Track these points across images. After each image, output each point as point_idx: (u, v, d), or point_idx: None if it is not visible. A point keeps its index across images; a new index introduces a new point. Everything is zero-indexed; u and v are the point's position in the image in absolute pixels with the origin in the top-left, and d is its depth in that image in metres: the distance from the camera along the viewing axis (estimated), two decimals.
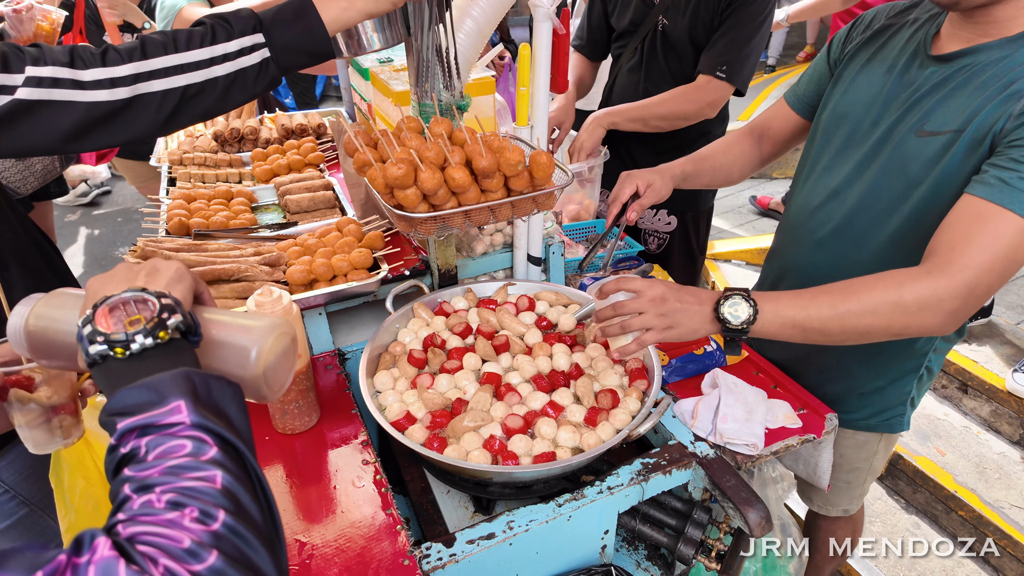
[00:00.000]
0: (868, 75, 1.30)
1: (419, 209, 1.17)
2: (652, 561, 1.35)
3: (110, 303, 0.65)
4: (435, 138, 1.18)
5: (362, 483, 1.15)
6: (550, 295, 1.51)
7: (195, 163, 2.16)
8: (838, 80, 1.37)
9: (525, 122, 1.42)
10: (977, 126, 1.08)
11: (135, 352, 0.62)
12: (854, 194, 1.30)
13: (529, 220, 1.54)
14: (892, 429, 1.48)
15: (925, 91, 1.19)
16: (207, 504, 0.52)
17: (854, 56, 1.35)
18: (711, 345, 1.54)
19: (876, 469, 1.61)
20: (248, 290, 1.38)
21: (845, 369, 1.45)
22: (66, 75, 0.90)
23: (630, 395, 1.25)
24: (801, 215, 1.44)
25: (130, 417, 0.57)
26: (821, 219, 1.38)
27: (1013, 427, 2.68)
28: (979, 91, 1.10)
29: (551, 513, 1.09)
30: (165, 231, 1.69)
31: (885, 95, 1.26)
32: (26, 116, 0.89)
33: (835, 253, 1.36)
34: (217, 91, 0.99)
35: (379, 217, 1.68)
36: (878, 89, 1.27)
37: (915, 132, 1.18)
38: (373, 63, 1.85)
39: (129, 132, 0.96)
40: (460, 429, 1.15)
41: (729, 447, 1.26)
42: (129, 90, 0.93)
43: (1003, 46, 1.09)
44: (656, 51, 2.09)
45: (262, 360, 0.71)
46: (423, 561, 1.00)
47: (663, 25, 2.03)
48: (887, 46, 1.29)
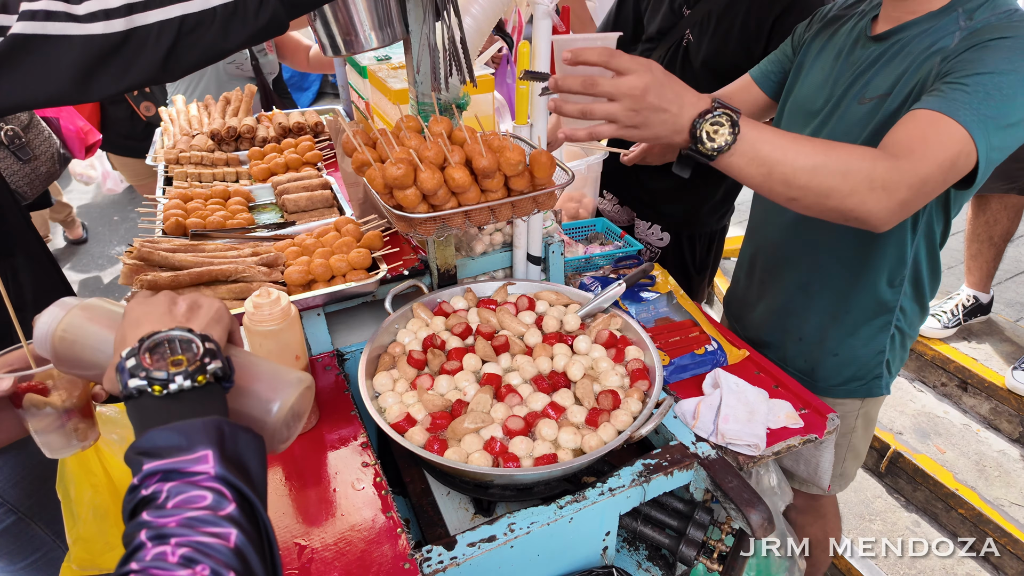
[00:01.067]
0: (821, 62, 1.45)
1: (419, 209, 1.16)
2: (653, 562, 1.34)
3: (156, 339, 0.65)
4: (434, 137, 1.17)
5: (362, 485, 1.14)
6: (550, 295, 1.50)
7: (191, 162, 2.14)
8: (799, 68, 1.51)
9: (525, 120, 1.41)
10: (903, 85, 1.24)
11: (172, 392, 0.63)
12: None
13: (529, 219, 1.53)
14: (871, 392, 1.56)
15: (864, 66, 1.34)
16: (219, 564, 0.52)
17: (811, 44, 1.49)
18: (712, 345, 1.53)
19: (857, 449, 1.65)
20: (246, 291, 1.37)
21: (822, 332, 1.55)
22: (59, 8, 0.87)
23: (631, 396, 1.24)
24: (762, 200, 1.58)
25: (157, 460, 0.58)
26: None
27: (1013, 425, 2.68)
28: (906, 58, 1.25)
29: (552, 515, 1.08)
30: (162, 231, 1.68)
31: (834, 76, 1.40)
32: (24, 54, 0.87)
33: (802, 228, 1.49)
34: (216, 24, 0.93)
35: (377, 217, 1.67)
36: (828, 72, 1.42)
37: (857, 101, 1.33)
38: (371, 61, 1.83)
39: (133, 74, 0.93)
40: (460, 431, 1.15)
41: (731, 447, 1.25)
42: (124, 22, 0.89)
43: (927, 20, 1.25)
44: (676, 64, 2.00)
45: (282, 414, 0.72)
46: (424, 564, 1.00)
47: (687, 41, 1.95)
48: (837, 34, 1.43)
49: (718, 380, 1.38)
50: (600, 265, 1.91)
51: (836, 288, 1.49)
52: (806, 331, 1.58)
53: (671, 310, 1.72)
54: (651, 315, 1.69)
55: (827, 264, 1.48)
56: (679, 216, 2.26)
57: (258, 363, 0.75)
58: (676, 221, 2.28)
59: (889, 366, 1.54)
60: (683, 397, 1.37)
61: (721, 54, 1.87)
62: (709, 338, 1.56)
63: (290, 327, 1.17)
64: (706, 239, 2.34)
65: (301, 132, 2.37)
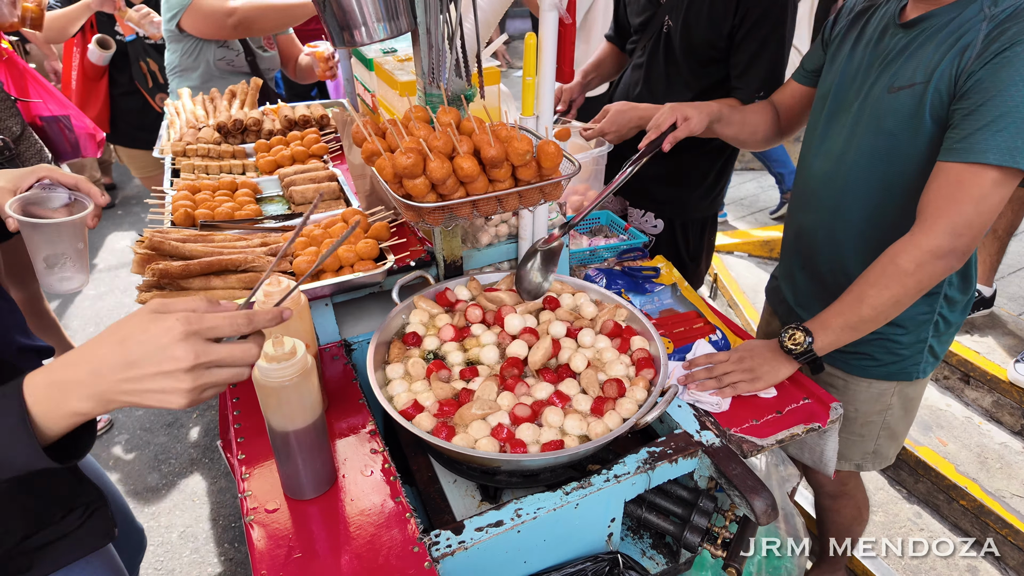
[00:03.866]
0: (851, 52, 1.47)
1: (427, 199, 1.17)
2: (657, 550, 1.36)
3: None
4: (443, 127, 1.18)
5: (371, 472, 1.15)
6: (556, 284, 1.51)
7: (198, 154, 2.15)
8: (831, 61, 1.54)
9: (531, 112, 1.41)
10: (939, 76, 1.25)
11: None
12: (849, 157, 1.44)
13: (535, 211, 1.54)
14: (908, 376, 1.55)
15: (893, 54, 1.35)
16: None
17: (842, 39, 1.52)
18: (716, 334, 1.54)
19: (893, 429, 1.65)
20: (255, 280, 1.39)
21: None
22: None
23: (636, 384, 1.25)
24: (806, 181, 1.59)
25: None
26: (824, 180, 1.51)
27: (1015, 417, 2.69)
28: (937, 47, 1.27)
29: (559, 501, 1.10)
30: (170, 222, 1.69)
31: (864, 66, 1.42)
32: None
33: (841, 211, 1.49)
34: None
35: (384, 208, 1.68)
36: (858, 63, 1.44)
37: (887, 90, 1.35)
38: (377, 53, 1.84)
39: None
40: (468, 417, 1.16)
41: (698, 405, 1.34)
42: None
43: (953, 8, 1.26)
44: (658, 52, 2.05)
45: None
46: (432, 548, 1.01)
47: (667, 27, 1.99)
48: (867, 27, 1.46)
49: (695, 350, 1.47)
50: (604, 257, 1.93)
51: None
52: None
53: (675, 301, 1.73)
54: (656, 306, 1.70)
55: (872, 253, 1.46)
56: (671, 202, 2.28)
57: None
58: (669, 207, 2.30)
59: (934, 351, 1.54)
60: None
61: (695, 32, 1.92)
62: (714, 328, 1.57)
63: (299, 316, 1.18)
64: (698, 225, 2.36)
65: (307, 125, 2.38)
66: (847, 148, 1.45)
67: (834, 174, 1.48)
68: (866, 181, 1.42)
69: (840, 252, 1.52)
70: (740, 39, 1.87)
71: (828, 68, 1.54)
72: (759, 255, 4.14)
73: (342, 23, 1.22)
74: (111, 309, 3.90)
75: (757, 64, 1.89)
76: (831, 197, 1.50)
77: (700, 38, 1.92)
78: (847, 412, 1.61)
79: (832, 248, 1.54)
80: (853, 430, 1.66)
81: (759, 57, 1.88)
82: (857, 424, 1.64)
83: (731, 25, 1.85)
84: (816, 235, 1.57)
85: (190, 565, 2.37)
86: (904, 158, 1.34)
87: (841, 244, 1.51)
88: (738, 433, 1.29)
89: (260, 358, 1.00)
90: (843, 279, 1.47)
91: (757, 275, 3.90)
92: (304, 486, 1.09)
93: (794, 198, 1.67)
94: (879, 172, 1.39)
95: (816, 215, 1.56)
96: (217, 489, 2.71)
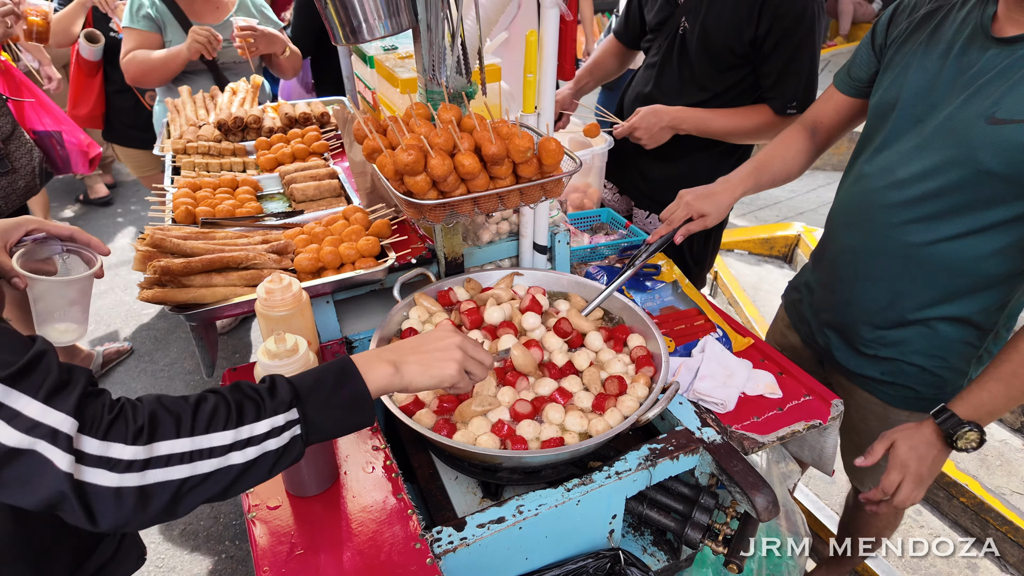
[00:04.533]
0: (922, 60, 1.28)
1: (428, 196, 1.17)
2: (658, 546, 1.36)
3: None
4: (444, 124, 1.18)
5: (372, 468, 1.16)
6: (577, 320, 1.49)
7: (199, 152, 2.15)
8: (888, 66, 1.36)
9: (532, 109, 1.41)
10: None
11: None
12: (917, 179, 1.27)
13: (536, 208, 1.54)
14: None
15: (991, 75, 1.16)
16: None
17: (904, 42, 1.33)
18: (717, 332, 1.54)
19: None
20: (257, 278, 1.39)
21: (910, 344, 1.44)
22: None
23: (637, 381, 1.26)
24: (857, 200, 1.41)
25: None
26: (882, 203, 1.34)
27: (1014, 415, 2.69)
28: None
29: (560, 497, 1.10)
30: (171, 219, 1.69)
31: (943, 79, 1.23)
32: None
33: (904, 235, 1.33)
34: (224, 481, 0.76)
35: (385, 206, 1.68)
36: (934, 73, 1.25)
37: (985, 120, 1.15)
38: (378, 51, 1.84)
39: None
40: (468, 414, 1.16)
41: (701, 403, 1.32)
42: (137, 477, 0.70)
43: None
44: (672, 53, 2.01)
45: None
46: (434, 545, 1.01)
47: (683, 28, 1.96)
48: (940, 30, 1.27)
49: (704, 346, 1.45)
50: (605, 255, 1.92)
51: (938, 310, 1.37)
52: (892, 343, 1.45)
53: (676, 299, 1.73)
54: (656, 304, 1.70)
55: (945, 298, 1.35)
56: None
57: None
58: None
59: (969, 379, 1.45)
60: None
61: (714, 37, 1.87)
62: (714, 326, 1.57)
63: (301, 313, 1.18)
64: (702, 232, 2.33)
65: (307, 122, 2.38)
66: (922, 175, 1.27)
67: (897, 199, 1.31)
68: (951, 217, 1.25)
69: (895, 287, 1.38)
70: (769, 48, 1.82)
71: (888, 76, 1.35)
72: (759, 252, 4.14)
73: (344, 20, 1.22)
74: (112, 307, 3.90)
75: (791, 74, 1.85)
76: (889, 224, 1.34)
77: (719, 43, 1.87)
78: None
79: (884, 280, 1.39)
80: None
81: (792, 67, 1.84)
82: None
83: (754, 33, 1.80)
84: (862, 258, 1.42)
85: (191, 563, 2.37)
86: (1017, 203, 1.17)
87: (897, 278, 1.37)
88: (739, 430, 1.29)
89: (263, 355, 1.00)
90: (891, 316, 1.39)
91: (757, 273, 3.90)
92: (306, 483, 1.09)
93: (839, 211, 1.50)
94: (978, 214, 1.22)
95: (866, 239, 1.40)
96: None
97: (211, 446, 0.74)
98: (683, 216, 1.49)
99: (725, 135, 1.99)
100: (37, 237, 1.15)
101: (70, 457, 0.65)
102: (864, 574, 2.22)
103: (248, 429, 0.77)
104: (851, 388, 1.57)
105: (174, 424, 0.73)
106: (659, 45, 2.08)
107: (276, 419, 0.79)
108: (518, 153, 1.17)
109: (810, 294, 1.64)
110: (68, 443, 0.66)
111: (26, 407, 0.65)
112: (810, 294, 1.64)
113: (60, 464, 0.65)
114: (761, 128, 1.95)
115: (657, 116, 1.95)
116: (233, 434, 0.76)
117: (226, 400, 0.78)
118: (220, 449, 0.74)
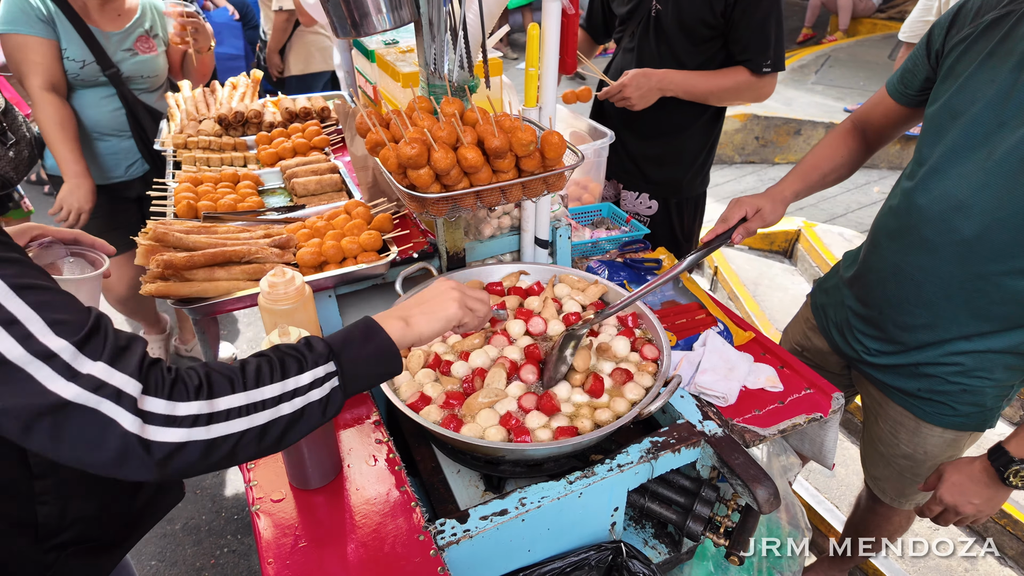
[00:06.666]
0: (989, 71, 1.18)
1: (431, 190, 1.17)
2: (660, 539, 1.37)
3: None
4: (447, 117, 1.18)
5: (376, 462, 1.16)
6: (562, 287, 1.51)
7: (199, 147, 2.15)
8: (949, 74, 1.26)
9: (534, 103, 1.41)
10: None
11: None
12: (986, 206, 1.20)
13: (537, 203, 1.54)
14: (981, 427, 1.45)
15: None
16: None
17: (968, 49, 1.23)
18: (718, 326, 1.55)
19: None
20: (259, 271, 1.39)
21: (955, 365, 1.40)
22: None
23: (643, 371, 1.27)
24: (915, 218, 1.33)
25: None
26: (943, 227, 1.27)
27: (1014, 409, 2.70)
28: None
29: (562, 490, 1.10)
30: (173, 214, 1.69)
31: (1016, 95, 1.13)
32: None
33: (967, 263, 1.26)
34: (275, 432, 0.81)
35: (387, 200, 1.68)
36: (1005, 87, 1.15)
37: None
38: (379, 45, 1.84)
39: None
40: (476, 406, 1.17)
41: (703, 396, 1.34)
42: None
43: None
44: (648, 35, 2.11)
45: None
46: (438, 537, 1.02)
47: (656, 11, 2.06)
48: (1010, 38, 1.16)
49: (706, 340, 1.45)
50: (606, 249, 1.93)
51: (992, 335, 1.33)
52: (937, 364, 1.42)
53: (677, 293, 1.73)
54: (658, 298, 1.70)
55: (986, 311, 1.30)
56: (665, 182, 2.32)
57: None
58: (663, 188, 2.34)
59: (1009, 398, 1.43)
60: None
61: (688, 13, 1.99)
62: (715, 320, 1.58)
63: (304, 306, 1.19)
64: (692, 204, 2.41)
65: (307, 117, 2.38)
66: (976, 195, 1.20)
67: (962, 225, 1.23)
68: (1019, 245, 1.18)
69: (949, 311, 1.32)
70: (738, 16, 1.94)
71: (947, 85, 1.26)
72: (759, 248, 4.14)
73: (345, 13, 1.21)
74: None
75: (761, 36, 1.96)
76: (948, 248, 1.27)
77: (693, 18, 1.99)
78: (914, 454, 1.52)
79: (938, 304, 1.33)
80: (919, 472, 1.54)
81: (763, 29, 1.95)
82: (925, 468, 1.53)
83: (724, 3, 1.92)
84: (913, 279, 1.35)
85: (193, 556, 2.38)
86: None
87: (953, 303, 1.31)
88: (740, 423, 1.29)
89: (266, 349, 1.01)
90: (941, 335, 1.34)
91: (757, 268, 3.90)
92: (309, 476, 1.10)
93: (890, 224, 1.41)
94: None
95: (919, 258, 1.33)
96: (220, 481, 2.72)
97: (263, 399, 0.80)
98: (739, 215, 1.47)
99: (708, 95, 2.08)
100: (43, 242, 1.18)
101: (134, 418, 0.69)
102: (869, 571, 2.22)
103: (293, 381, 0.82)
104: (883, 400, 1.54)
105: (228, 382, 0.78)
106: (632, 32, 2.18)
107: (317, 371, 0.85)
108: (521, 147, 1.17)
109: (842, 301, 1.58)
110: (133, 404, 0.70)
111: (92, 368, 0.68)
112: (842, 301, 1.58)
113: (125, 424, 0.69)
114: (741, 87, 2.05)
115: (647, 77, 2.03)
116: (280, 386, 0.81)
117: (268, 358, 0.83)
118: (271, 401, 0.80)
